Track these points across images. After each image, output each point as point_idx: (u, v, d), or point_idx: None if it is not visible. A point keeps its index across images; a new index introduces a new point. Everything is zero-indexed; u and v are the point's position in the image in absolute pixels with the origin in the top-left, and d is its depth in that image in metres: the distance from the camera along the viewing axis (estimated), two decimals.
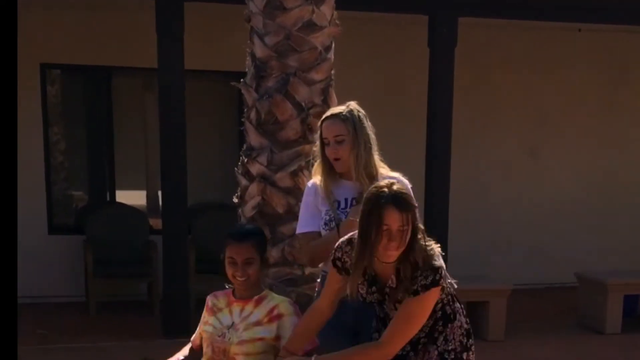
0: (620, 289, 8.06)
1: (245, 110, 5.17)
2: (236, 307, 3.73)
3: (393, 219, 3.20)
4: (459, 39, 8.06)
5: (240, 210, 5.21)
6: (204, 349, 3.80)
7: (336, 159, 3.92)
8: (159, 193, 8.68)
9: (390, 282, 3.40)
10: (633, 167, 10.45)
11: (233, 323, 3.69)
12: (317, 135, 4.04)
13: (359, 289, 3.47)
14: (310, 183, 4.12)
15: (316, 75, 4.98)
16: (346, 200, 3.97)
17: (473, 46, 9.36)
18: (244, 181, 5.13)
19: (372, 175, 3.91)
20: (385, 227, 3.20)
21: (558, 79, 9.87)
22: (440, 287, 3.37)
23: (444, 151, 8.26)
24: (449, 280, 3.51)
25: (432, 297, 3.36)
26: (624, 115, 10.37)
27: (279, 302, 3.70)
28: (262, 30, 4.99)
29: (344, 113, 3.95)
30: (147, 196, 9.98)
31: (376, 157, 3.98)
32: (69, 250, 8.98)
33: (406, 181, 3.90)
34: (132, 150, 9.78)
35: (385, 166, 4.02)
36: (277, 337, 3.63)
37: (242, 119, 5.19)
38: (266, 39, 4.96)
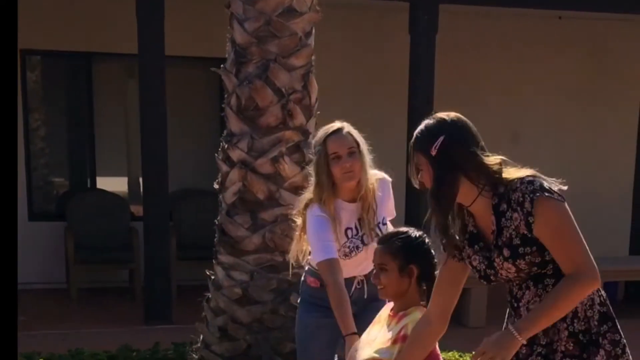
0: None
1: (226, 96, 5.17)
2: (388, 321, 3.37)
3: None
4: (440, 26, 8.08)
5: (221, 197, 5.22)
6: None
7: (348, 172, 3.85)
8: (140, 179, 8.66)
9: (492, 225, 2.97)
10: (613, 153, 10.52)
11: (375, 339, 3.36)
12: (315, 159, 3.93)
13: (470, 259, 3.07)
14: (317, 211, 3.90)
15: (296, 61, 4.99)
16: (355, 225, 3.96)
17: (454, 33, 9.38)
18: (224, 167, 5.13)
19: (369, 188, 3.95)
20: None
21: (539, 66, 9.89)
22: (556, 194, 2.88)
23: None
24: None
25: (555, 199, 2.86)
26: (605, 102, 10.43)
27: (409, 321, 3.27)
28: (242, 16, 4.99)
29: (345, 128, 3.91)
30: (129, 183, 9.96)
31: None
32: (49, 237, 8.95)
33: (388, 178, 4.05)
34: (113, 136, 9.74)
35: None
36: None
37: (223, 105, 5.19)
38: (246, 24, 4.96)
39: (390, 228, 4.05)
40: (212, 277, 5.27)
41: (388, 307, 3.44)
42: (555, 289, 2.87)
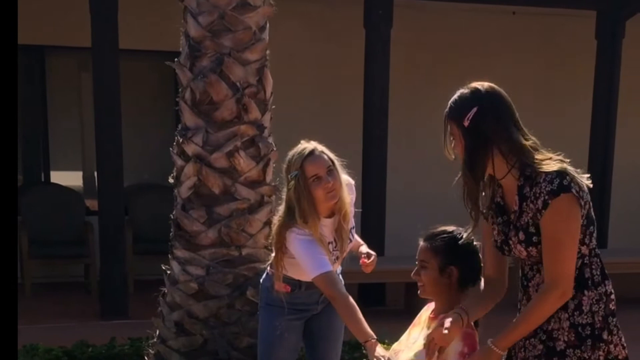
0: None
1: (180, 90, 5.14)
2: (429, 323, 3.30)
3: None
4: (395, 20, 8.12)
5: (176, 191, 5.20)
6: None
7: (331, 192, 3.83)
8: (95, 174, 8.59)
9: (514, 204, 2.99)
10: (570, 146, 10.64)
11: (416, 341, 3.27)
12: (292, 184, 3.86)
13: (492, 226, 3.09)
14: (300, 232, 3.85)
15: (251, 56, 4.97)
16: (335, 238, 3.97)
17: (409, 29, 9.43)
18: (179, 161, 5.11)
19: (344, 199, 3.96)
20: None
21: (494, 61, 9.99)
22: (574, 196, 2.85)
23: (380, 131, 8.32)
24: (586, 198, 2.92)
25: (568, 204, 2.85)
26: (558, 95, 10.56)
27: None
28: (196, 10, 4.97)
29: (318, 148, 3.89)
30: (83, 177, 9.89)
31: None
32: None
33: (352, 181, 4.09)
34: (67, 130, 9.66)
35: None
36: None
37: (177, 99, 5.17)
38: (200, 18, 4.94)
39: (354, 234, 4.13)
40: (168, 272, 5.25)
41: (429, 308, 3.37)
42: (529, 303, 2.97)
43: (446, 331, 2.99)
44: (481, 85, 3.01)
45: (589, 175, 3.01)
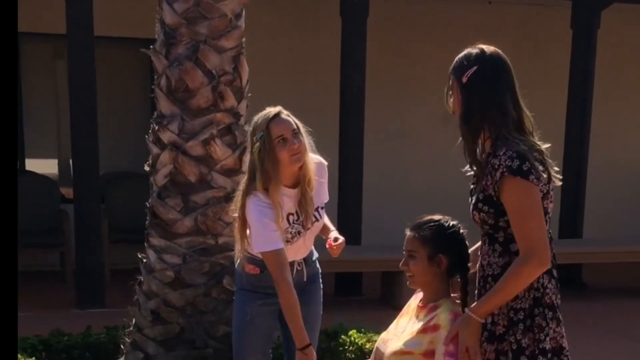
0: None
1: (156, 77, 5.12)
2: (417, 312, 3.31)
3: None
4: (371, 10, 8.12)
5: (152, 179, 5.18)
6: None
7: (296, 154, 3.82)
8: (71, 161, 8.55)
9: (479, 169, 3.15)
10: (545, 137, 10.71)
11: (404, 331, 3.28)
12: (257, 146, 3.83)
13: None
14: (260, 200, 3.82)
15: (226, 43, 4.95)
16: (297, 211, 3.94)
17: (386, 18, 9.45)
18: (155, 149, 5.09)
19: (309, 171, 3.94)
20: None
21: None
22: (530, 182, 2.96)
23: (357, 121, 8.34)
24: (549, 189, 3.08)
25: (525, 183, 2.96)
26: (538, 88, 10.59)
27: (439, 311, 3.20)
28: None
29: (283, 112, 3.89)
30: (59, 164, 9.85)
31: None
32: None
33: (325, 162, 4.07)
34: (43, 118, 9.61)
35: None
36: (427, 353, 3.12)
37: (153, 87, 5.14)
38: (175, 5, 4.91)
39: (324, 214, 4.10)
40: (144, 260, 5.24)
41: (417, 297, 3.38)
42: (507, 271, 3.03)
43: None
44: (487, 48, 3.19)
45: (558, 169, 3.14)
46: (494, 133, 3.08)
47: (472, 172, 3.21)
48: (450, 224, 3.27)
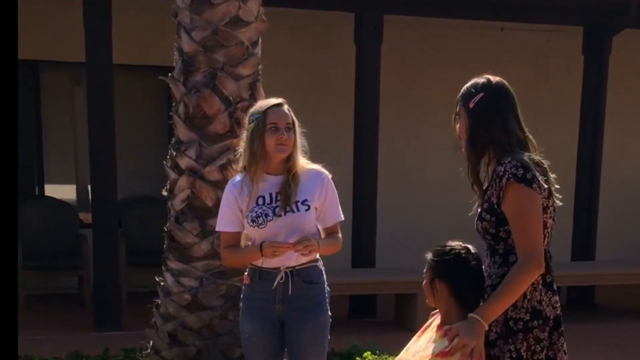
0: None
1: (174, 104, 5.21)
2: (436, 332, 3.29)
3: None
4: (386, 37, 8.22)
5: (169, 204, 5.26)
6: None
7: (282, 145, 3.96)
8: (89, 187, 8.65)
9: (486, 182, 3.34)
10: (557, 161, 10.74)
11: (418, 351, 3.27)
12: (250, 126, 4.00)
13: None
14: (236, 179, 4.08)
15: (243, 70, 5.05)
16: (270, 195, 4.00)
17: (400, 44, 9.54)
18: (173, 174, 5.17)
19: (299, 165, 4.04)
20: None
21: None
22: (533, 190, 3.13)
23: (371, 147, 8.40)
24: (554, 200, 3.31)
25: (528, 191, 3.12)
26: (550, 112, 10.66)
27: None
28: (190, 25, 5.05)
29: (285, 105, 4.06)
30: (77, 190, 9.91)
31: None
32: None
33: (326, 172, 4.11)
34: (61, 144, 9.70)
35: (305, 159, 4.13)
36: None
37: (171, 113, 5.23)
38: (193, 33, 5.02)
39: (311, 216, 4.04)
40: (162, 284, 5.29)
41: (439, 317, 3.36)
42: (506, 276, 3.15)
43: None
44: (493, 77, 3.39)
45: (558, 187, 3.34)
46: (498, 152, 3.25)
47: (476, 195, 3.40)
48: (455, 251, 3.27)
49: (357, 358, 5.52)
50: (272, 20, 5.25)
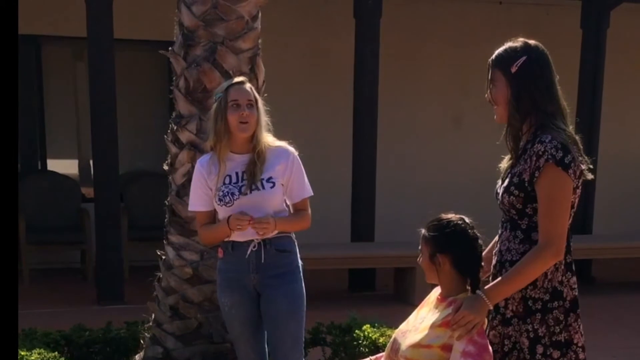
0: None
1: (174, 78, 5.22)
2: (436, 304, 3.25)
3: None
4: (384, 10, 8.23)
5: (170, 178, 5.28)
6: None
7: (244, 123, 4.04)
8: (91, 161, 8.71)
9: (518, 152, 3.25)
10: None
11: (423, 322, 3.22)
12: (214, 106, 4.13)
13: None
14: (204, 159, 4.23)
15: (243, 44, 5.04)
16: (237, 174, 4.10)
17: (399, 18, 9.54)
18: (173, 149, 5.17)
19: (264, 143, 4.12)
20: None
21: (481, 51, 10.03)
22: (568, 176, 3.07)
23: (370, 120, 8.42)
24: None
25: (564, 175, 3.06)
26: None
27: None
28: None
29: (247, 83, 4.16)
30: (79, 165, 9.98)
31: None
32: None
33: (292, 149, 4.19)
34: (63, 119, 9.75)
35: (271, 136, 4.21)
36: (446, 347, 3.06)
37: (172, 87, 5.25)
38: (193, 8, 5.00)
39: (277, 193, 4.12)
40: (163, 257, 5.31)
41: (438, 289, 3.31)
42: (521, 259, 3.12)
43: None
44: (530, 40, 3.30)
45: (590, 167, 3.23)
46: (539, 121, 3.16)
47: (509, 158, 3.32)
48: (454, 222, 3.20)
49: (357, 331, 5.55)
50: None
